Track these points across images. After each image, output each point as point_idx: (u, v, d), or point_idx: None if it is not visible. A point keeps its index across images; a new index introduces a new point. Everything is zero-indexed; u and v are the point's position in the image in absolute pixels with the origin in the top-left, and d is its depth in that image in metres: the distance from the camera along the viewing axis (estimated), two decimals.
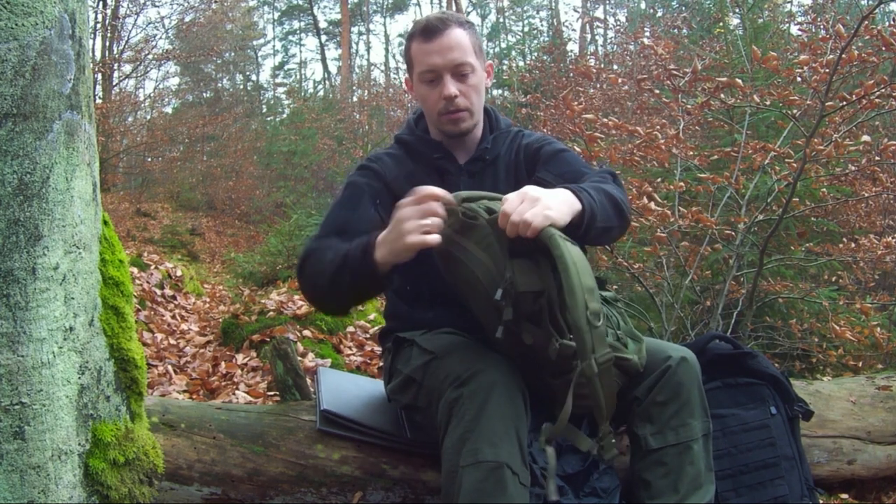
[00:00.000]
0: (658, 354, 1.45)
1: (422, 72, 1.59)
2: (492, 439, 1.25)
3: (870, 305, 3.24)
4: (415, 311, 1.65)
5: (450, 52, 1.56)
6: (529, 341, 1.30)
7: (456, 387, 1.33)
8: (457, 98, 1.58)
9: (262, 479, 1.64)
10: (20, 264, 1.05)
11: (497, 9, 20.66)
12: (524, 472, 1.28)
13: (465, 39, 1.58)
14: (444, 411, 1.35)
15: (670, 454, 1.40)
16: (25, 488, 1.07)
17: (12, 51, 1.02)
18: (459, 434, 1.29)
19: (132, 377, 1.29)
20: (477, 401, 1.29)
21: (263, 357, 3.37)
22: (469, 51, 1.58)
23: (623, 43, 8.66)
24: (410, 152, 1.70)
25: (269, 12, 24.13)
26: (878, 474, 2.03)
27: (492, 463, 1.24)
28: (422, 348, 1.53)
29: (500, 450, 1.25)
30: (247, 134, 14.36)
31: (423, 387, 1.48)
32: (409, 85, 1.70)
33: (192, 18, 14.43)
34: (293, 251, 7.00)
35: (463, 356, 1.42)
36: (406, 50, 1.64)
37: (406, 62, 1.67)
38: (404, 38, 1.73)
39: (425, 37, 1.57)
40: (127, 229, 9.93)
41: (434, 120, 1.65)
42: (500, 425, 1.27)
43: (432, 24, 1.57)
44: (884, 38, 2.50)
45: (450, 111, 1.60)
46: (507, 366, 1.37)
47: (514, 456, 1.26)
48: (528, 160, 1.70)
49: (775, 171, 3.08)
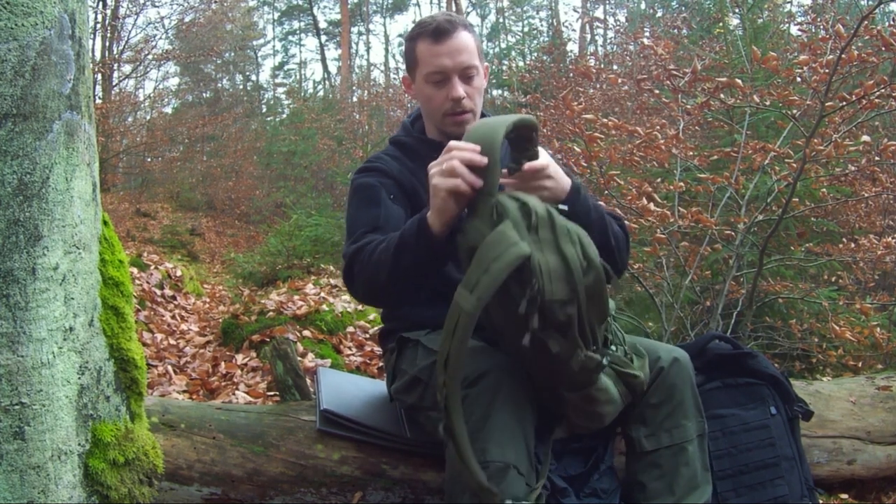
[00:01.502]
0: (650, 355, 1.45)
1: (430, 72, 1.59)
2: (499, 440, 1.25)
3: (870, 305, 3.24)
4: (415, 308, 1.65)
5: (459, 55, 1.57)
6: (556, 349, 1.22)
7: (463, 387, 1.32)
8: (464, 100, 1.59)
9: (262, 479, 1.64)
10: (20, 264, 1.05)
11: (497, 9, 20.66)
12: (531, 474, 1.27)
13: (472, 42, 1.60)
14: None
15: (665, 456, 1.40)
16: (25, 488, 1.07)
17: (12, 51, 1.02)
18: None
19: (132, 377, 1.29)
20: (484, 401, 1.28)
21: (263, 357, 3.37)
22: (475, 54, 1.60)
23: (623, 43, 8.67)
24: (408, 153, 1.70)
25: (268, 12, 24.15)
26: (878, 474, 2.03)
27: (499, 464, 1.23)
28: (427, 349, 1.53)
29: (507, 450, 1.24)
30: (247, 134, 14.37)
31: (430, 387, 1.48)
32: (408, 84, 1.71)
33: (191, 18, 14.45)
34: (293, 251, 7.01)
35: (470, 356, 1.41)
36: (410, 50, 1.64)
37: (408, 62, 1.67)
38: (404, 38, 1.72)
39: (435, 38, 1.57)
40: (127, 229, 9.93)
41: (438, 120, 1.65)
42: (507, 426, 1.26)
43: (443, 26, 1.58)
44: (884, 38, 2.50)
45: (456, 112, 1.60)
46: (515, 367, 1.36)
47: (521, 457, 1.25)
48: None
49: (775, 172, 3.08)
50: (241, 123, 15.20)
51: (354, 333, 3.94)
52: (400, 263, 1.36)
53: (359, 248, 1.48)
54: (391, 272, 1.38)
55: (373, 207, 1.57)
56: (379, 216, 1.55)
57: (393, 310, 1.69)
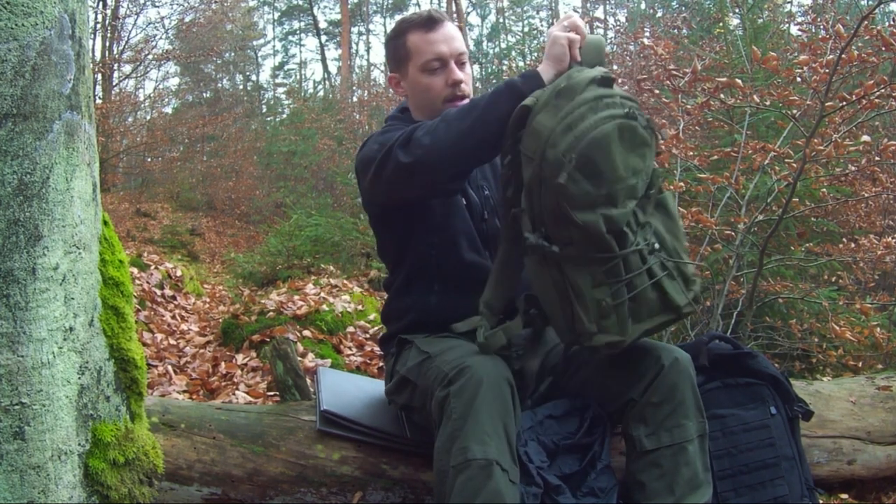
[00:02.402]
0: (651, 355, 1.45)
1: (428, 60, 1.62)
2: (480, 437, 1.25)
3: (870, 305, 3.23)
4: (417, 297, 1.65)
5: (453, 41, 1.63)
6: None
7: (444, 386, 1.34)
8: (462, 83, 1.63)
9: (262, 479, 1.64)
10: (20, 264, 1.05)
11: (497, 9, 20.66)
12: (514, 469, 1.28)
13: (458, 31, 1.67)
14: (436, 411, 1.36)
15: (665, 455, 1.40)
16: (25, 488, 1.07)
17: (12, 51, 1.02)
18: (448, 433, 1.29)
19: (132, 377, 1.29)
20: (464, 399, 1.29)
21: (263, 357, 3.37)
22: (463, 42, 1.66)
23: (623, 43, 8.66)
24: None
25: (269, 12, 24.14)
26: (878, 474, 2.03)
27: (481, 461, 1.24)
28: (419, 349, 1.54)
29: (489, 447, 1.25)
30: (247, 134, 14.35)
31: (418, 387, 1.49)
32: (396, 82, 1.71)
33: (192, 18, 14.44)
34: (293, 251, 7.01)
35: (452, 355, 1.42)
36: (399, 45, 1.65)
37: (397, 58, 1.67)
38: (388, 37, 1.72)
39: (428, 27, 1.62)
40: (127, 229, 9.93)
41: (437, 108, 1.63)
42: (488, 422, 1.27)
43: (433, 16, 1.64)
44: (884, 38, 2.50)
45: (456, 96, 1.63)
46: (495, 362, 1.37)
47: (503, 453, 1.26)
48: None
49: (775, 172, 3.08)
50: (241, 123, 15.19)
51: (354, 333, 3.94)
52: (492, 114, 1.38)
53: (416, 126, 1.47)
54: (472, 127, 1.38)
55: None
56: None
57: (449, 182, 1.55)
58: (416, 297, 1.65)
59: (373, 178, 1.53)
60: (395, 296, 1.72)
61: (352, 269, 6.52)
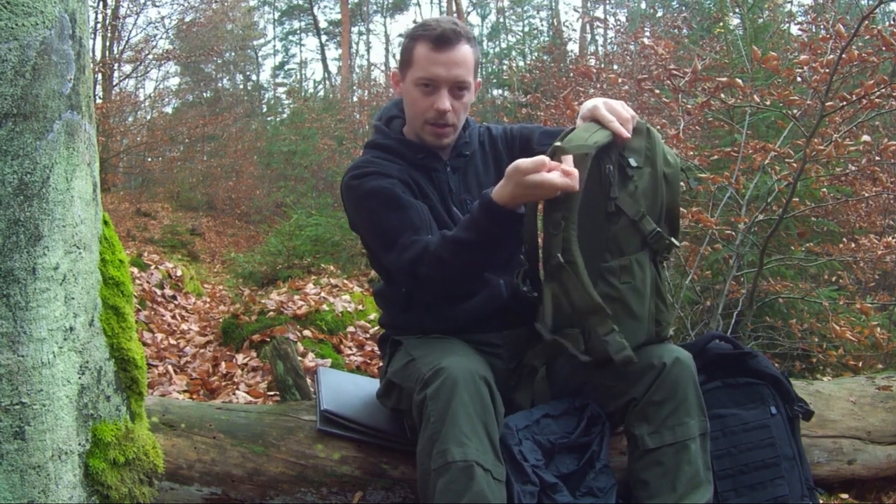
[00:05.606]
0: (653, 354, 1.45)
1: (421, 77, 1.57)
2: (459, 438, 1.25)
3: (870, 305, 3.23)
4: (412, 316, 1.65)
5: (455, 68, 1.55)
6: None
7: (421, 388, 1.34)
8: (447, 114, 1.58)
9: (262, 479, 1.64)
10: (20, 264, 1.05)
11: (497, 9, 20.65)
12: (497, 468, 1.27)
13: (470, 57, 1.58)
14: (416, 414, 1.36)
15: (667, 453, 1.40)
16: (25, 488, 1.07)
17: (12, 51, 1.02)
18: (428, 436, 1.29)
19: (132, 377, 1.29)
20: (440, 401, 1.29)
21: (263, 357, 3.36)
22: (471, 69, 1.58)
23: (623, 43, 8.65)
24: (393, 154, 1.68)
25: (269, 12, 24.17)
26: (879, 474, 2.03)
27: (461, 463, 1.23)
28: (406, 352, 1.55)
29: (469, 448, 1.25)
30: (247, 134, 14.36)
31: (404, 390, 1.50)
32: (396, 80, 1.69)
33: (192, 18, 14.44)
34: (293, 251, 7.01)
35: (430, 356, 1.42)
36: (408, 48, 1.61)
37: (403, 59, 1.64)
38: (405, 34, 1.68)
39: (436, 45, 1.54)
40: (127, 229, 9.93)
41: (418, 126, 1.63)
42: (465, 423, 1.26)
43: (446, 35, 1.54)
44: (884, 38, 2.50)
45: (438, 123, 1.59)
46: (471, 360, 1.37)
47: (483, 453, 1.26)
48: (508, 147, 1.75)
49: (775, 171, 3.08)
50: (241, 123, 15.19)
51: (355, 333, 3.94)
52: (480, 244, 1.42)
53: (419, 252, 1.48)
54: (473, 254, 1.45)
55: (402, 210, 1.55)
56: (413, 217, 1.54)
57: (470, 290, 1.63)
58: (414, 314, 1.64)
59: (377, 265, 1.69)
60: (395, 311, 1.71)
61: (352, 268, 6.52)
